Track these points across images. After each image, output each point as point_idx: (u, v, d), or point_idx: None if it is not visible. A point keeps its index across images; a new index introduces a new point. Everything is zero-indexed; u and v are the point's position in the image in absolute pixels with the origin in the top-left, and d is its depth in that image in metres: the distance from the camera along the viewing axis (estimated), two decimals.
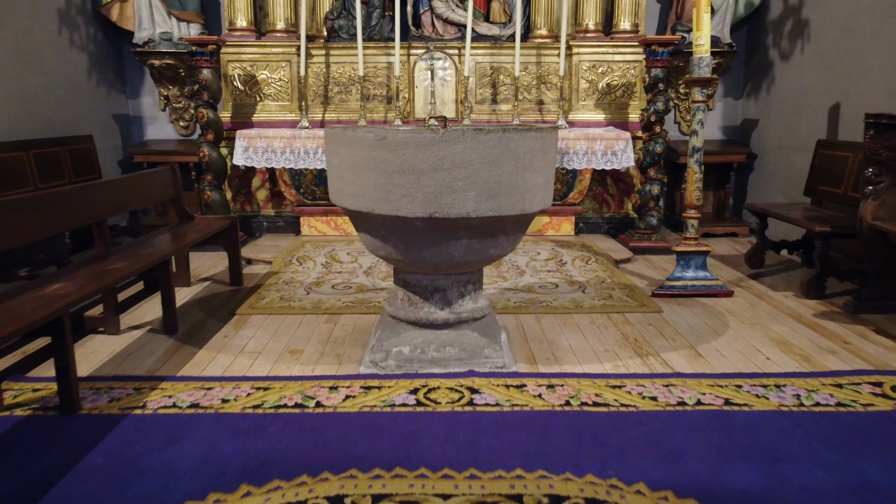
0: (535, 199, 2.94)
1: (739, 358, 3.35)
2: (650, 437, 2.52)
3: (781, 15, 6.00)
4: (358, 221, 3.10)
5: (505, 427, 2.59)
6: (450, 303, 3.19)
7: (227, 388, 2.95)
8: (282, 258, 5.28)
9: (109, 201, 3.57)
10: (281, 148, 5.74)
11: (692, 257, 4.42)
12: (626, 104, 6.14)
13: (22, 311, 2.57)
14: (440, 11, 6.30)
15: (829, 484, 2.20)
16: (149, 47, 6.20)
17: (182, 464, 2.32)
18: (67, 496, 2.13)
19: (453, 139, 2.71)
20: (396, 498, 2.11)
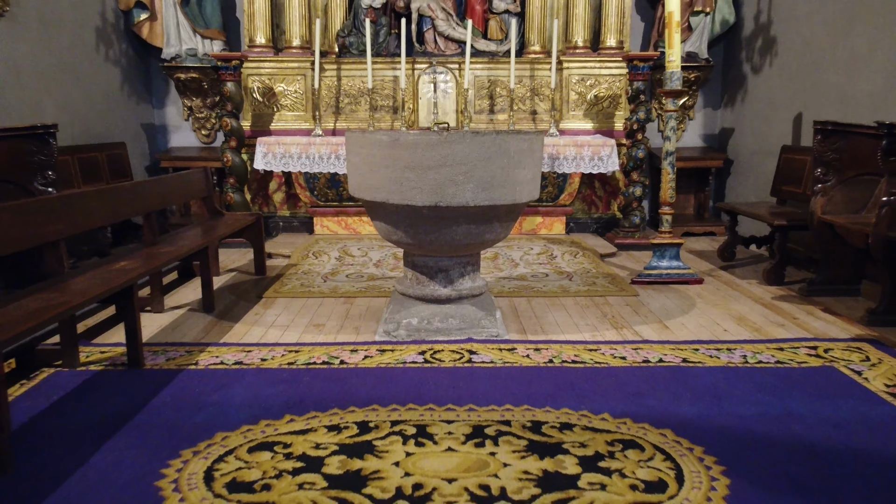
0: (524, 191, 3.49)
1: (700, 329, 3.90)
2: (617, 384, 3.06)
3: (752, 33, 6.59)
4: (374, 211, 3.65)
5: (497, 377, 3.14)
6: (452, 281, 3.74)
7: (263, 351, 3.50)
8: (299, 253, 5.83)
9: (159, 195, 4.13)
10: (297, 154, 6.30)
11: (667, 249, 4.97)
12: (612, 114, 6.71)
13: (99, 281, 3.11)
14: (442, 29, 6.88)
15: (756, 412, 2.75)
16: (176, 62, 6.78)
17: (234, 402, 2.86)
18: (146, 422, 2.67)
19: (455, 140, 3.27)
20: (410, 422, 2.65)
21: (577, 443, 2.49)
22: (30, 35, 5.16)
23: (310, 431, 2.58)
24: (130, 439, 2.52)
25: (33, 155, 4.36)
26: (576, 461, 2.35)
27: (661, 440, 2.51)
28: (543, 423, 2.64)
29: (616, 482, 2.22)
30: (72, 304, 2.78)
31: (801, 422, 2.68)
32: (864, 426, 2.64)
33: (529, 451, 2.42)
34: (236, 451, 2.43)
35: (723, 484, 2.21)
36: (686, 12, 6.73)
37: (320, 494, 2.15)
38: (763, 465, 2.33)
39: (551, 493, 2.15)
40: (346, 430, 2.59)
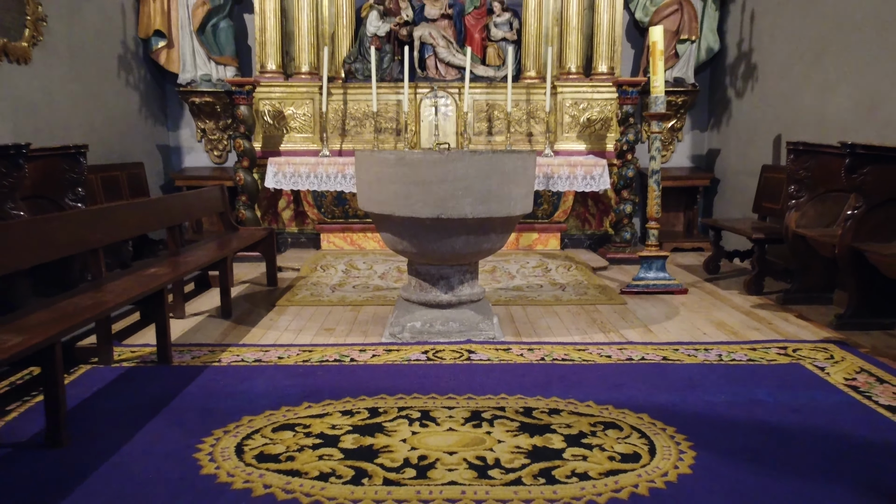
0: (518, 204, 3.84)
1: (681, 333, 4.23)
2: (602, 377, 3.38)
3: (736, 60, 6.99)
4: (381, 223, 4.00)
5: (494, 372, 3.46)
6: (452, 288, 4.08)
7: (280, 351, 3.82)
8: (308, 266, 6.17)
9: (182, 209, 4.48)
10: (306, 173, 6.66)
11: (653, 261, 5.31)
12: (604, 136, 7.09)
13: (134, 285, 3.45)
14: (443, 56, 7.28)
15: (725, 400, 3.07)
16: (191, 87, 7.17)
17: (256, 391, 3.18)
18: (180, 408, 2.99)
19: (455, 158, 3.63)
20: (415, 408, 2.97)
21: (564, 424, 2.81)
22: (60, 62, 5.54)
23: (326, 415, 2.90)
24: (167, 421, 2.85)
25: (65, 173, 4.72)
26: (562, 438, 2.67)
27: (638, 422, 2.83)
28: (534, 409, 2.97)
29: (596, 454, 2.54)
30: (113, 303, 3.11)
31: (765, 407, 3.00)
32: (820, 410, 2.96)
33: (521, 431, 2.74)
34: (262, 431, 2.75)
35: (689, 455, 2.53)
36: (673, 40, 7.13)
37: (338, 463, 2.46)
38: (726, 441, 2.65)
39: (539, 462, 2.47)
40: (358, 414, 2.91)
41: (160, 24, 6.99)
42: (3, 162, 3.98)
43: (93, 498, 2.24)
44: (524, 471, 2.41)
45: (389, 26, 7.19)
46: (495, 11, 7.32)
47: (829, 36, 5.36)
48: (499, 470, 2.42)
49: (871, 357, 3.71)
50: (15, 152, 3.99)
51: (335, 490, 2.28)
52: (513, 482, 2.33)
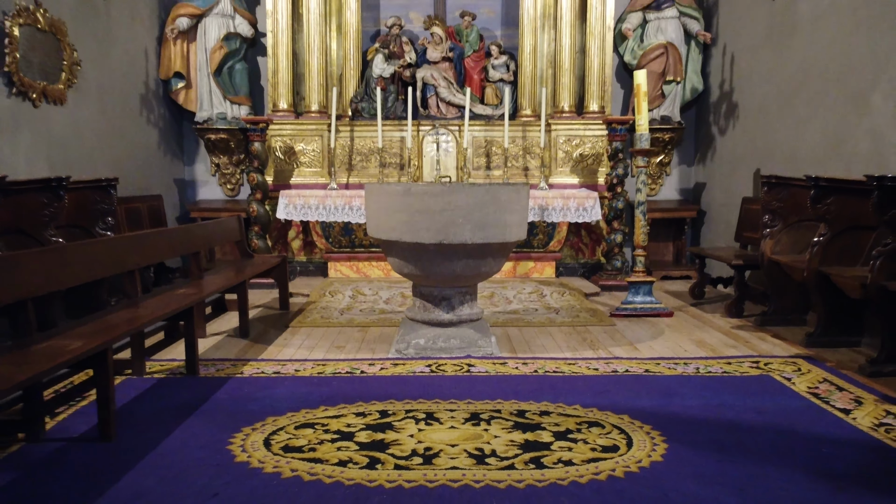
0: (513, 231, 4.24)
1: (664, 350, 4.59)
2: (589, 386, 3.74)
3: (718, 99, 7.46)
4: (388, 248, 4.39)
5: (491, 382, 3.82)
6: (453, 308, 4.45)
7: (296, 364, 4.18)
8: (317, 292, 6.55)
9: (204, 237, 4.88)
10: (315, 205, 7.08)
11: (641, 286, 5.69)
12: (596, 170, 7.53)
13: (167, 303, 3.83)
14: (444, 96, 7.75)
15: (698, 404, 3.43)
16: (207, 124, 7.63)
17: (278, 397, 3.54)
18: (210, 410, 3.35)
19: (456, 189, 4.04)
20: (420, 411, 3.33)
21: (553, 423, 3.16)
22: (90, 102, 5.99)
23: (341, 416, 3.26)
24: (200, 421, 3.20)
25: (97, 203, 5.13)
26: (551, 434, 3.03)
27: (618, 422, 3.19)
28: (527, 411, 3.32)
29: (580, 446, 2.90)
30: (150, 317, 3.49)
31: (733, 409, 3.36)
32: (781, 412, 3.32)
33: (515, 428, 3.09)
34: (285, 428, 3.10)
35: (662, 447, 2.88)
36: (660, 81, 7.61)
37: (354, 453, 2.82)
38: (695, 436, 3.01)
39: (530, 452, 2.83)
40: (369, 415, 3.27)
41: (180, 66, 7.48)
42: (46, 193, 4.39)
43: (144, 479, 2.59)
44: (516, 459, 2.76)
45: (394, 68, 7.68)
46: (493, 54, 7.82)
47: (799, 78, 5.82)
48: (494, 458, 2.77)
49: (835, 370, 4.07)
50: (56, 184, 4.41)
51: (353, 473, 2.63)
52: (506, 467, 2.69)
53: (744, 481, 2.57)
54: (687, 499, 2.44)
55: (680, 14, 7.57)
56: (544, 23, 7.67)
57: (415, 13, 8.09)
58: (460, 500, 2.42)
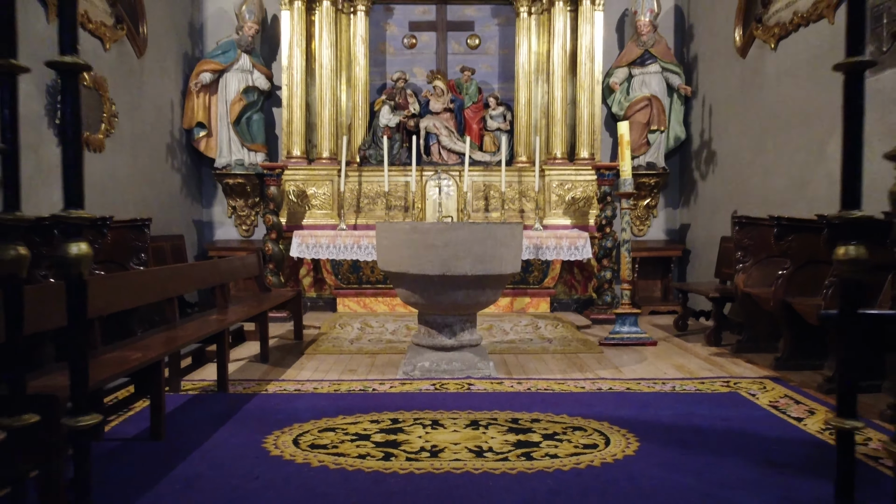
0: (508, 265, 4.76)
1: (646, 372, 5.07)
2: (575, 400, 4.22)
3: (699, 147, 8.07)
4: (397, 280, 4.91)
5: (489, 397, 4.30)
6: (455, 334, 4.95)
7: (314, 383, 4.66)
8: (327, 324, 7.04)
9: (228, 271, 5.41)
10: (326, 244, 7.62)
11: (627, 317, 6.19)
12: (586, 211, 8.09)
13: (201, 327, 4.33)
14: (445, 143, 8.37)
15: (670, 413, 3.91)
16: (226, 170, 8.23)
17: (300, 408, 4.02)
18: (242, 418, 3.82)
19: (457, 227, 4.58)
20: (427, 418, 3.80)
21: (542, 428, 3.64)
22: (124, 149, 6.59)
23: (358, 423, 3.73)
24: (235, 426, 3.68)
25: (132, 241, 5.67)
26: (540, 436, 3.50)
27: (599, 427, 3.66)
28: (520, 419, 3.80)
29: (565, 445, 3.37)
30: (189, 338, 3.99)
31: (701, 418, 3.84)
32: (743, 420, 3.80)
33: (509, 432, 3.57)
34: (310, 432, 3.58)
35: (635, 445, 3.36)
36: (645, 131, 8.24)
37: (371, 449, 3.30)
38: (665, 437, 3.48)
39: (521, 449, 3.30)
40: (382, 422, 3.74)
41: (202, 116, 8.11)
42: (91, 231, 4.93)
43: (195, 467, 3.07)
44: (510, 453, 3.24)
45: (399, 118, 8.31)
46: (491, 106, 8.46)
47: (767, 128, 6.42)
48: (491, 453, 3.25)
49: (796, 388, 4.55)
50: (101, 223, 4.95)
51: (371, 463, 3.11)
52: (501, 459, 3.16)
53: (701, 468, 3.05)
54: (652, 481, 2.92)
55: (662, 69, 8.23)
56: (538, 77, 8.34)
57: (418, 68, 8.77)
58: (462, 482, 2.90)
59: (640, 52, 8.24)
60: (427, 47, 8.82)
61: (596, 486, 2.86)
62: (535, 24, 8.36)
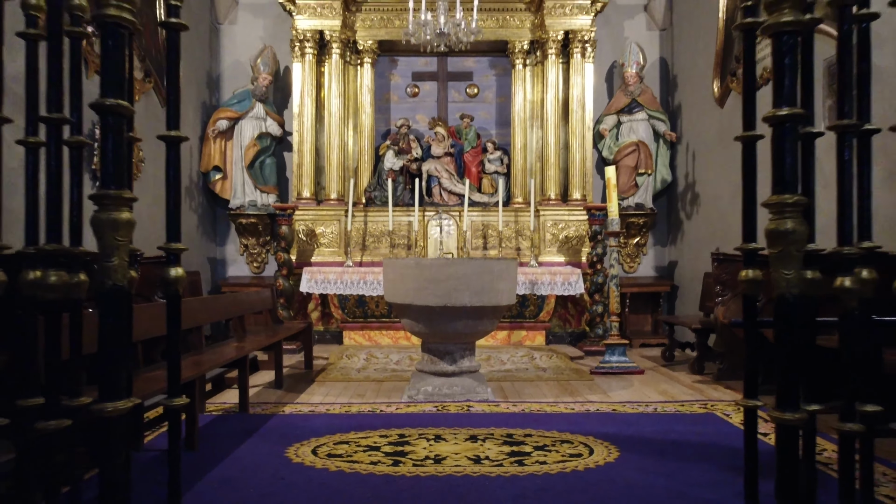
0: (504, 297, 5.23)
1: (632, 397, 5.50)
2: (565, 419, 4.65)
3: (684, 189, 8.60)
4: (402, 311, 5.36)
5: (486, 417, 4.72)
6: (455, 361, 5.39)
7: (326, 405, 5.09)
8: (335, 355, 7.47)
9: (247, 303, 5.87)
10: (333, 280, 8.09)
11: (616, 347, 6.63)
12: (579, 249, 8.58)
13: (226, 353, 4.77)
14: (446, 185, 8.90)
15: (650, 430, 4.34)
16: (240, 210, 8.74)
17: (316, 425, 4.44)
18: (265, 433, 4.24)
19: (457, 262, 5.06)
20: (430, 434, 4.23)
21: (533, 441, 4.06)
22: (148, 192, 7.10)
23: (368, 437, 4.16)
24: (258, 440, 4.10)
25: (157, 277, 6.13)
26: (531, 447, 3.93)
27: (585, 440, 4.09)
28: (514, 434, 4.22)
29: (553, 454, 3.80)
30: (216, 363, 4.43)
31: (678, 433, 4.26)
32: (715, 434, 4.22)
33: (504, 444, 3.99)
34: (326, 444, 4.00)
35: (615, 454, 3.78)
36: (633, 174, 8.78)
37: (382, 457, 3.72)
38: (643, 448, 3.91)
39: (514, 457, 3.73)
40: (390, 437, 4.17)
41: (218, 160, 8.66)
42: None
43: (227, 470, 3.49)
44: (504, 461, 3.66)
45: (402, 162, 8.86)
46: (489, 150, 9.02)
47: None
48: (488, 461, 3.67)
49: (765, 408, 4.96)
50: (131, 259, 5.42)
51: (382, 468, 3.53)
52: (496, 465, 3.59)
53: (674, 471, 3.47)
54: (627, 481, 3.34)
55: (649, 117, 8.81)
56: (533, 123, 8.91)
57: (421, 115, 9.36)
58: (462, 482, 3.32)
59: (627, 100, 8.82)
60: (429, 96, 9.42)
61: (579, 485, 3.28)
62: (529, 75, 8.96)
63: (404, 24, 7.78)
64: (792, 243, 1.58)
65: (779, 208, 1.60)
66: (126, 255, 1.67)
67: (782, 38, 1.57)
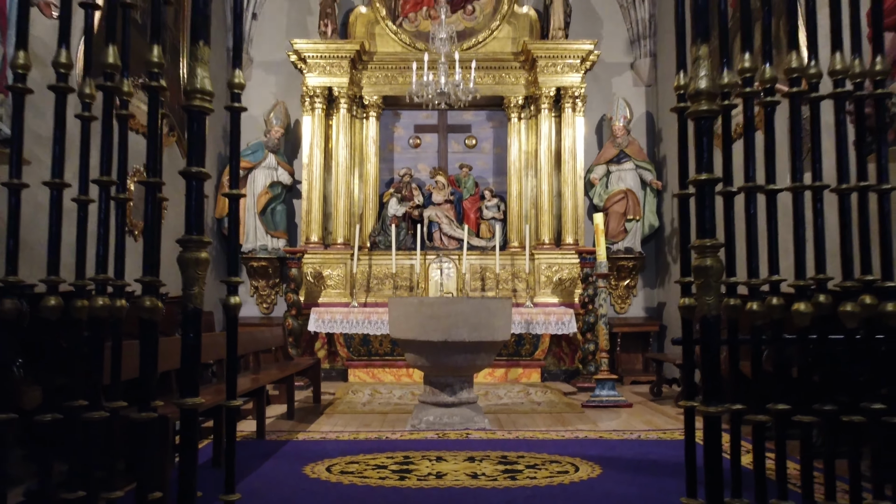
0: (500, 333, 5.70)
1: (618, 426, 5.93)
2: (555, 444, 5.08)
3: (670, 234, 9.15)
4: (406, 345, 5.83)
5: (483, 442, 5.16)
6: (455, 392, 5.83)
7: (336, 433, 5.52)
8: (341, 391, 7.90)
9: (262, 340, 6.33)
10: (340, 319, 8.56)
11: (605, 382, 7.07)
12: (572, 291, 9.08)
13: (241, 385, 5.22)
14: (446, 230, 9.45)
15: (632, 453, 4.77)
16: (251, 254, 9.27)
17: (328, 449, 4.87)
18: (283, 456, 4.68)
19: (457, 301, 5.56)
20: (432, 454, 4.66)
21: (525, 461, 4.50)
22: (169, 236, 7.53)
23: (376, 459, 4.59)
24: (277, 460, 4.54)
25: (177, 315, 6.61)
26: (523, 466, 4.36)
27: (572, 460, 4.53)
28: (508, 455, 4.66)
29: (543, 471, 4.23)
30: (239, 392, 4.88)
31: (657, 455, 4.70)
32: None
33: (499, 463, 4.43)
34: (338, 463, 4.44)
35: (598, 471, 4.22)
36: (622, 220, 9.33)
37: (390, 474, 4.15)
38: (624, 466, 4.34)
39: (508, 474, 4.16)
40: (396, 458, 4.60)
41: None
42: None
43: (254, 482, 3.92)
44: (498, 476, 4.10)
45: (405, 209, 9.42)
46: (486, 197, 9.60)
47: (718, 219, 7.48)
48: (484, 476, 4.11)
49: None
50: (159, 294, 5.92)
51: (390, 482, 3.97)
52: (491, 480, 4.02)
53: (648, 483, 3.91)
54: (607, 491, 3.78)
55: (636, 166, 9.40)
56: (527, 172, 9.50)
57: (422, 165, 9.96)
58: (461, 493, 3.76)
59: (616, 151, 9.43)
60: (430, 147, 10.04)
61: (564, 495, 3.72)
62: (524, 127, 9.59)
63: (407, 81, 8.45)
64: (710, 276, 2.08)
65: (701, 250, 2.10)
66: (203, 285, 2.17)
67: (701, 121, 2.10)
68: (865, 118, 2.37)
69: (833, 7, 2.22)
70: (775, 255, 2.29)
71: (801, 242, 2.22)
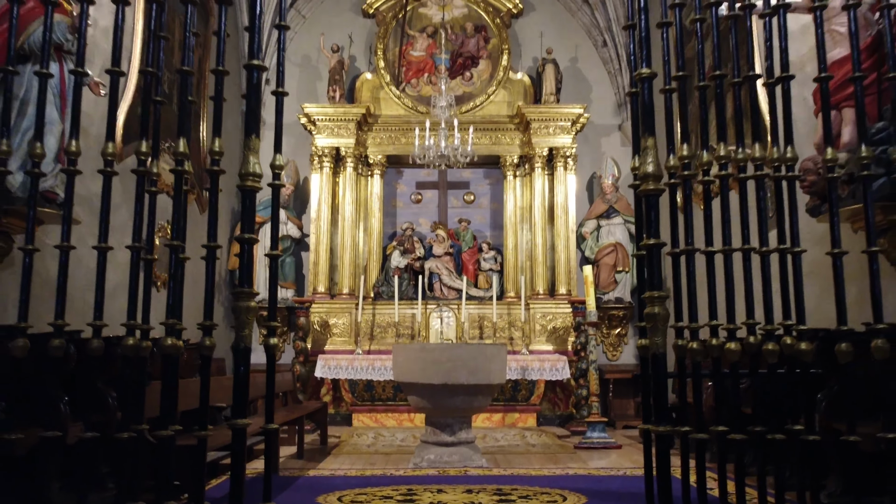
0: (496, 376, 6.18)
1: (607, 465, 6.35)
2: (547, 479, 5.51)
3: None
4: (408, 388, 6.30)
5: (480, 478, 5.59)
6: (454, 433, 6.27)
7: (343, 470, 5.94)
8: (346, 434, 8.31)
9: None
10: (345, 366, 9.02)
11: (596, 424, 7.50)
12: (565, 339, 9.55)
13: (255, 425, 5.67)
14: (446, 281, 9.98)
15: (618, 485, 5.21)
16: (261, 304, 9.77)
17: (338, 483, 5.30)
18: (297, 489, 5.11)
19: (456, 346, 6.06)
20: (434, 488, 5.09)
21: (519, 493, 4.93)
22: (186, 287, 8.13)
23: (382, 491, 5.02)
24: (292, 492, 4.97)
25: (195, 361, 7.10)
26: (517, 497, 4.80)
27: (561, 492, 4.96)
28: (503, 488, 5.10)
29: (534, 500, 4.67)
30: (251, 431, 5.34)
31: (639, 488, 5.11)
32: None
33: (494, 495, 4.87)
34: (348, 494, 4.87)
35: (584, 500, 4.66)
36: (612, 271, 9.88)
37: (395, 502, 4.60)
38: (608, 497, 4.78)
39: (503, 502, 4.60)
40: (401, 490, 5.04)
41: None
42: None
43: None
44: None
45: (407, 261, 9.98)
46: (484, 250, 10.16)
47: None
48: None
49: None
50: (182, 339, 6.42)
51: None
52: None
53: None
54: None
55: (625, 221, 9.99)
56: (522, 226, 10.08)
57: (423, 219, 10.55)
58: None
59: (605, 207, 10.04)
60: (431, 202, 10.64)
61: None
62: (519, 184, 10.21)
63: (410, 141, 9.10)
64: (658, 321, 2.60)
65: (650, 300, 2.63)
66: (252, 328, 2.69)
67: (649, 198, 2.66)
68: (781, 193, 2.93)
69: (751, 108, 2.81)
70: (714, 304, 2.82)
71: (731, 294, 2.75)
